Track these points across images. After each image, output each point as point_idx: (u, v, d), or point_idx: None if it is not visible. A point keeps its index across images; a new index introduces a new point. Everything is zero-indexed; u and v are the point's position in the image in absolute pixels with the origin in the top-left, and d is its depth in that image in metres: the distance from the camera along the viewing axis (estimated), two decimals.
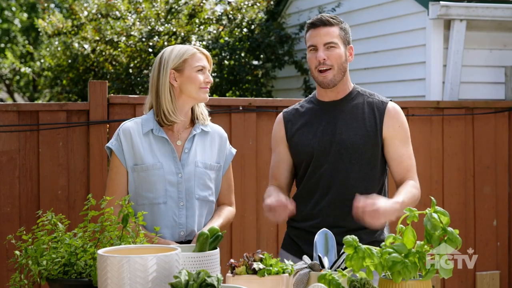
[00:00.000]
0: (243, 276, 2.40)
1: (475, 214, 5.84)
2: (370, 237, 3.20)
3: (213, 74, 8.62)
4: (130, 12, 9.11)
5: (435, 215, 2.32)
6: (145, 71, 8.57)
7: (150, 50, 8.47)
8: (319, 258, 2.62)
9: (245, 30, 8.94)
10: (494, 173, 5.89)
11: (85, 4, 10.16)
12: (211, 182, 3.24)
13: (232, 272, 2.43)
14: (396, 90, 6.92)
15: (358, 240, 2.37)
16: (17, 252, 2.58)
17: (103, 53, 8.93)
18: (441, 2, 6.07)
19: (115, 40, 8.73)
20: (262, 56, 8.99)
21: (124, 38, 8.65)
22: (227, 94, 8.84)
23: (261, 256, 2.45)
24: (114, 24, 8.89)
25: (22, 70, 14.91)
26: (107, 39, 8.83)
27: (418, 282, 2.32)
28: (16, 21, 18.49)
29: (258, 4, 9.20)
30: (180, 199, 3.16)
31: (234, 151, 3.36)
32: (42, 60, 11.98)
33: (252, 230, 5.18)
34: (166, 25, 8.69)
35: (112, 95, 4.92)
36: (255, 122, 5.20)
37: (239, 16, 9.06)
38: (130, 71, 8.62)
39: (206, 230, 2.62)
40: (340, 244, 2.68)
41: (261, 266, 2.41)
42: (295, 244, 3.28)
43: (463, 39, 6.18)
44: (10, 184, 4.65)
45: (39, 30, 11.36)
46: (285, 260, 2.53)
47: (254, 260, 2.44)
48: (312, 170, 3.22)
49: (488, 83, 6.48)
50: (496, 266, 5.92)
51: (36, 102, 14.13)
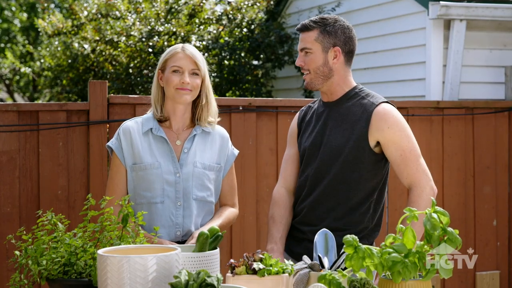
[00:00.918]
0: (243, 276, 2.40)
1: (475, 214, 5.84)
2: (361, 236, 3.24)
3: (213, 74, 8.61)
4: (130, 12, 9.11)
5: (435, 215, 2.32)
6: (145, 71, 8.57)
7: (150, 50, 8.47)
8: (319, 258, 2.62)
9: (245, 30, 8.94)
10: (494, 173, 5.89)
11: (85, 4, 10.16)
12: (210, 183, 3.23)
13: (232, 272, 2.43)
14: (396, 90, 6.92)
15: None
16: (17, 252, 2.58)
17: (103, 53, 8.93)
18: (441, 2, 6.07)
19: (115, 40, 8.73)
20: (262, 56, 8.99)
21: (124, 38, 8.65)
22: (227, 94, 8.84)
23: (261, 256, 2.45)
24: (114, 24, 8.89)
25: (22, 70, 14.90)
26: (107, 39, 8.83)
27: (418, 282, 2.31)
28: (16, 21, 18.49)
29: (258, 4, 9.20)
30: (178, 199, 3.16)
31: (236, 152, 3.35)
32: (42, 60, 11.97)
33: (252, 230, 5.18)
34: (166, 25, 8.69)
35: (112, 95, 4.92)
36: (255, 122, 5.20)
37: (239, 16, 9.06)
38: (130, 71, 8.62)
39: (206, 230, 2.62)
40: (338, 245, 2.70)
41: (261, 266, 2.41)
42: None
43: (463, 39, 6.18)
44: (10, 184, 4.64)
45: (39, 30, 11.36)
46: (285, 260, 2.53)
47: (254, 260, 2.44)
48: (302, 169, 3.30)
49: (488, 83, 6.48)
50: (496, 266, 5.92)
51: (36, 102, 14.13)
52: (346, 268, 2.44)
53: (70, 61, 9.49)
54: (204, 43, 8.61)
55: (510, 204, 5.95)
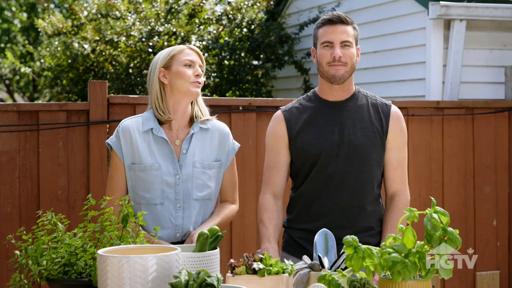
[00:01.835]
0: (243, 276, 2.40)
1: (475, 214, 5.84)
2: (375, 238, 3.21)
3: (213, 74, 8.62)
4: (130, 12, 9.11)
5: (435, 215, 2.32)
6: (145, 71, 8.56)
7: (150, 50, 8.47)
8: (319, 258, 2.62)
9: (245, 30, 8.94)
10: (494, 173, 5.89)
11: (85, 4, 10.16)
12: (211, 180, 3.21)
13: (232, 272, 2.42)
14: (396, 90, 6.92)
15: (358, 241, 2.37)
16: (17, 252, 2.58)
17: (103, 53, 8.92)
18: (441, 2, 6.07)
19: (115, 40, 8.73)
20: (262, 56, 8.99)
21: (124, 38, 8.65)
22: (227, 94, 8.84)
23: (261, 256, 2.45)
24: (114, 24, 8.89)
25: (22, 70, 14.89)
26: (107, 39, 8.83)
27: (418, 282, 2.31)
28: (16, 21, 18.48)
29: (258, 4, 9.20)
30: (177, 201, 3.15)
31: (237, 146, 3.32)
32: (42, 60, 11.97)
33: (252, 230, 5.18)
34: (166, 25, 8.68)
35: (112, 95, 4.92)
36: (255, 122, 5.20)
37: (239, 16, 9.06)
38: (130, 71, 8.62)
39: (205, 230, 2.62)
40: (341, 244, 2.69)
41: (261, 266, 2.41)
42: (299, 245, 3.25)
43: (463, 39, 6.17)
44: (10, 184, 4.64)
45: (39, 30, 11.36)
46: (285, 260, 2.53)
47: (254, 260, 2.44)
48: (318, 170, 3.19)
49: (488, 83, 6.47)
50: (496, 266, 5.92)
51: (36, 102, 14.13)
52: (346, 268, 2.44)
53: (70, 61, 9.49)
54: (204, 43, 8.61)
55: (510, 204, 5.94)
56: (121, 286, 2.18)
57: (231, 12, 9.11)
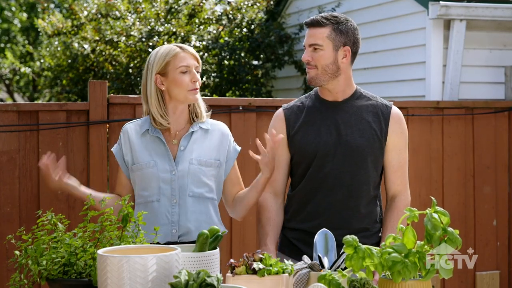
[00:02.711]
0: (243, 276, 2.40)
1: (475, 214, 5.84)
2: (370, 239, 3.20)
3: (213, 74, 8.61)
4: (130, 12, 9.11)
5: (435, 215, 2.32)
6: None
7: (150, 50, 8.47)
8: (319, 258, 2.62)
9: (245, 30, 8.94)
10: (494, 173, 5.89)
11: (85, 4, 10.16)
12: (208, 179, 3.21)
13: (232, 272, 2.43)
14: (396, 90, 6.92)
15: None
16: (17, 252, 2.58)
17: (103, 53, 8.93)
18: (441, 2, 6.07)
19: (115, 40, 8.73)
20: (262, 56, 8.99)
21: (124, 38, 8.65)
22: (227, 94, 8.84)
23: (261, 256, 2.45)
24: (114, 24, 8.89)
25: (22, 70, 14.90)
26: (107, 39, 8.83)
27: (418, 282, 2.31)
28: (16, 21, 18.48)
29: (258, 4, 9.20)
30: (173, 196, 3.16)
31: (238, 148, 3.31)
32: (42, 60, 11.97)
33: (252, 230, 5.18)
34: (166, 25, 8.68)
35: (112, 95, 4.92)
36: (255, 122, 5.20)
37: (239, 16, 9.06)
38: (130, 71, 8.62)
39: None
40: (341, 246, 2.69)
41: (261, 266, 2.41)
42: (294, 246, 3.26)
43: (463, 39, 6.18)
44: (10, 184, 4.64)
45: (39, 30, 11.36)
46: (285, 260, 2.53)
47: (254, 260, 2.44)
48: (314, 170, 3.19)
49: (488, 83, 6.48)
50: (496, 266, 5.92)
51: (36, 102, 14.13)
52: (346, 268, 2.44)
53: (70, 61, 9.49)
54: (204, 43, 8.61)
55: (510, 204, 5.95)
56: (121, 286, 2.18)
57: (231, 12, 9.11)
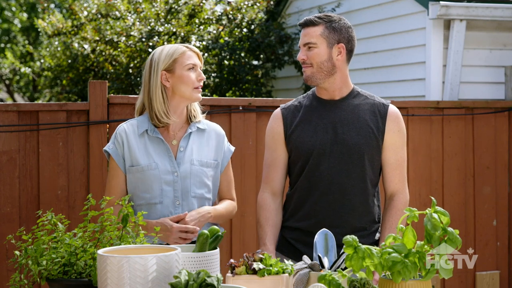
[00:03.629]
0: (243, 276, 2.40)
1: (475, 214, 5.84)
2: (368, 239, 3.20)
3: (213, 74, 8.61)
4: (130, 12, 9.11)
5: (435, 215, 2.32)
6: None
7: (150, 50, 8.47)
8: (319, 258, 2.62)
9: (245, 30, 8.94)
10: (494, 173, 5.89)
11: (85, 4, 10.16)
12: (208, 179, 3.23)
13: (232, 272, 2.43)
14: (396, 90, 6.92)
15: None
16: (17, 252, 2.58)
17: (103, 53, 8.93)
18: (441, 2, 6.07)
19: (115, 40, 8.73)
20: (262, 56, 8.99)
21: (124, 38, 8.65)
22: (227, 94, 8.84)
23: (261, 256, 2.45)
24: (114, 24, 8.89)
25: (22, 70, 14.91)
26: (107, 39, 8.83)
27: (418, 282, 2.31)
28: (16, 21, 18.49)
29: (258, 4, 9.20)
30: (176, 198, 3.16)
31: (232, 148, 3.35)
32: (42, 60, 11.98)
33: (252, 230, 5.18)
34: (166, 25, 8.68)
35: (112, 95, 4.92)
36: (255, 122, 5.20)
37: (239, 16, 9.06)
38: (130, 71, 8.62)
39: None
40: (338, 245, 2.69)
41: (261, 266, 2.41)
42: (292, 246, 3.26)
43: (463, 39, 6.18)
44: (10, 184, 4.64)
45: (39, 30, 11.36)
46: (285, 260, 2.53)
47: (254, 260, 2.44)
48: (311, 169, 3.20)
49: (488, 83, 6.48)
50: (496, 266, 5.92)
51: (36, 102, 14.13)
52: (346, 268, 2.44)
53: (70, 61, 9.49)
54: (204, 43, 8.61)
55: (510, 204, 5.94)
56: (121, 286, 2.18)
57: (231, 12, 9.11)
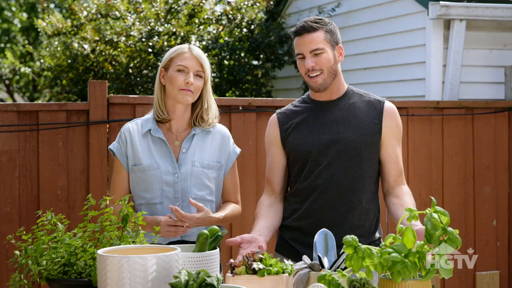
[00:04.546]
0: (243, 276, 2.40)
1: (475, 214, 5.84)
2: (367, 238, 3.20)
3: (212, 74, 8.61)
4: (129, 12, 9.11)
5: (435, 215, 2.32)
6: (144, 71, 8.57)
7: (150, 50, 8.47)
8: (319, 258, 2.62)
9: (244, 30, 8.94)
10: (494, 173, 5.89)
11: (84, 4, 10.16)
12: (210, 181, 3.22)
13: (232, 272, 2.42)
14: (396, 90, 6.92)
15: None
16: (17, 252, 2.58)
17: (103, 53, 8.93)
18: (441, 2, 6.07)
19: (115, 40, 8.73)
20: (262, 56, 8.99)
21: (123, 38, 8.65)
22: (227, 94, 8.84)
23: (261, 256, 2.45)
24: (113, 24, 8.89)
25: (22, 70, 14.90)
26: (106, 39, 8.83)
27: (418, 282, 2.31)
28: (16, 21, 18.49)
29: (258, 4, 9.20)
30: (176, 199, 3.16)
31: (238, 150, 3.33)
32: (42, 60, 11.97)
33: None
34: (166, 25, 8.68)
35: (112, 95, 4.92)
36: (255, 122, 5.20)
37: (239, 16, 9.06)
38: (130, 71, 8.62)
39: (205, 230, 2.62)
40: (338, 244, 2.69)
41: (261, 266, 2.41)
42: (291, 246, 3.26)
43: (463, 39, 6.18)
44: (10, 184, 4.64)
45: (39, 30, 11.36)
46: (284, 260, 2.53)
47: (254, 260, 2.44)
48: (310, 169, 3.20)
49: (488, 83, 6.48)
50: (496, 266, 5.92)
51: (36, 102, 14.13)
52: (346, 268, 2.44)
53: (70, 61, 9.49)
54: (204, 43, 8.61)
55: (510, 204, 5.95)
56: (121, 286, 2.18)
57: (231, 12, 9.11)
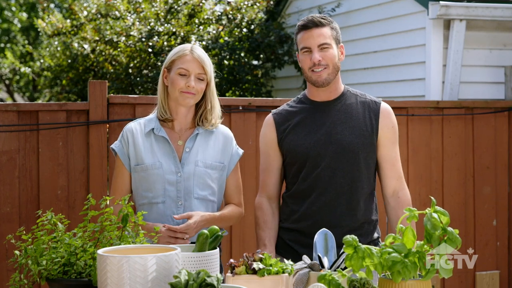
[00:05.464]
0: (243, 276, 2.40)
1: (475, 214, 5.84)
2: (365, 238, 3.21)
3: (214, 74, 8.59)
4: (129, 12, 9.11)
5: (435, 215, 2.32)
6: (144, 71, 8.56)
7: (150, 50, 8.47)
8: (319, 258, 2.62)
9: (244, 30, 8.94)
10: (493, 173, 5.89)
11: (84, 4, 10.16)
12: (213, 181, 3.22)
13: (232, 272, 2.42)
14: (395, 90, 6.92)
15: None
16: (17, 252, 2.58)
17: (103, 53, 8.93)
18: (441, 2, 6.07)
19: (115, 40, 8.73)
20: (262, 56, 8.99)
21: (123, 38, 8.65)
22: (227, 94, 8.84)
23: (260, 256, 2.45)
24: (113, 24, 8.89)
25: (22, 70, 14.90)
26: (106, 39, 8.83)
27: (418, 282, 2.31)
28: (16, 21, 18.49)
29: (258, 4, 9.19)
30: (179, 198, 3.16)
31: (241, 151, 3.32)
32: (42, 60, 11.97)
33: (252, 230, 5.16)
34: (166, 25, 8.68)
35: (112, 95, 4.92)
36: (255, 122, 5.20)
37: (239, 16, 9.06)
38: (130, 71, 8.62)
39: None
40: (337, 244, 2.69)
41: (261, 266, 2.41)
42: (289, 247, 3.26)
43: (462, 39, 6.18)
44: (10, 184, 4.64)
45: (39, 30, 11.36)
46: (284, 260, 2.53)
47: (254, 260, 2.44)
48: (308, 170, 3.20)
49: (488, 83, 6.48)
50: (496, 266, 5.92)
51: (36, 102, 14.13)
52: (346, 268, 2.44)
53: (70, 61, 9.49)
54: (204, 43, 8.60)
55: (510, 204, 5.95)
56: (121, 286, 2.18)
57: (230, 12, 9.11)
